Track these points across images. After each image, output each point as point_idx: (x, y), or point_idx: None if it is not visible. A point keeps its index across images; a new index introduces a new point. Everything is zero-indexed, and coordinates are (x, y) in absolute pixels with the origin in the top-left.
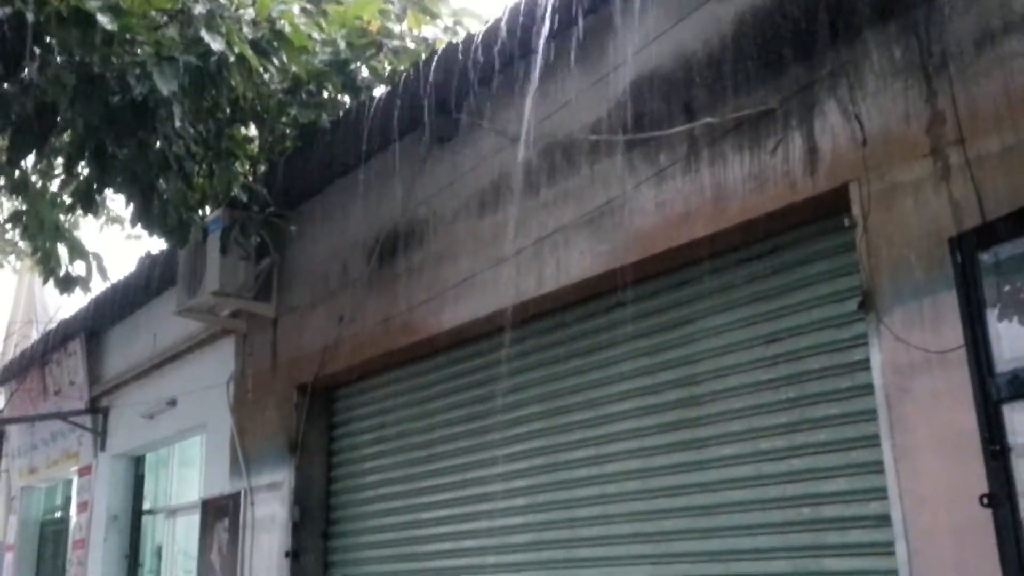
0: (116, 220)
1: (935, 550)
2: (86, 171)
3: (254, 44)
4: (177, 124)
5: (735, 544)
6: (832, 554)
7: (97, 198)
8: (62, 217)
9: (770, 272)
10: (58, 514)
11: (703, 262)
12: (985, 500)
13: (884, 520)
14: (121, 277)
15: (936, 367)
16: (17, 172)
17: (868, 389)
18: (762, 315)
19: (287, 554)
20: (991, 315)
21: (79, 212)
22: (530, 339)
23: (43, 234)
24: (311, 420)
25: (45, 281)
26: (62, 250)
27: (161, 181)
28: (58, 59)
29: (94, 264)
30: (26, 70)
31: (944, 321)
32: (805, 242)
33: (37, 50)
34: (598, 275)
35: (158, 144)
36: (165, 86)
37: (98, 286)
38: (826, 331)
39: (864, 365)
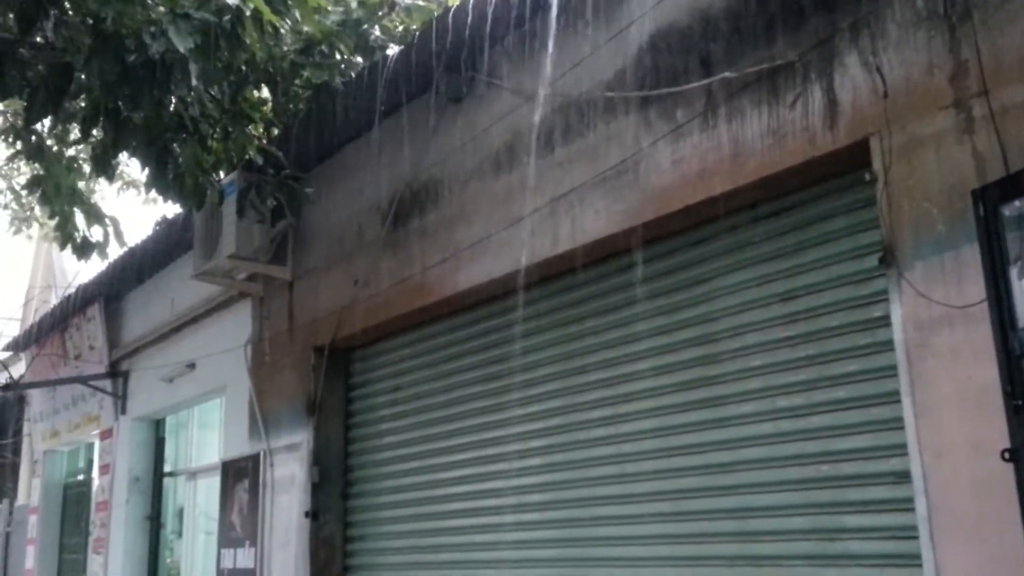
0: (132, 185)
1: (955, 505)
2: (102, 135)
3: (268, 0)
4: (194, 83)
5: (752, 502)
6: (851, 511)
7: (112, 162)
8: (79, 183)
9: (789, 229)
10: (80, 477)
11: (720, 220)
12: (1007, 455)
13: (904, 476)
14: (138, 242)
15: (958, 322)
16: (34, 137)
17: (888, 345)
18: (780, 272)
19: (307, 514)
20: (1014, 269)
21: (95, 177)
22: (545, 299)
23: (60, 199)
24: (328, 382)
25: (63, 247)
26: (79, 215)
27: (176, 145)
28: (73, 18)
29: (111, 229)
30: (41, 30)
31: (966, 276)
32: (824, 198)
33: (52, 10)
34: (614, 234)
35: (173, 106)
36: (181, 43)
37: (115, 251)
38: (845, 287)
39: (884, 321)
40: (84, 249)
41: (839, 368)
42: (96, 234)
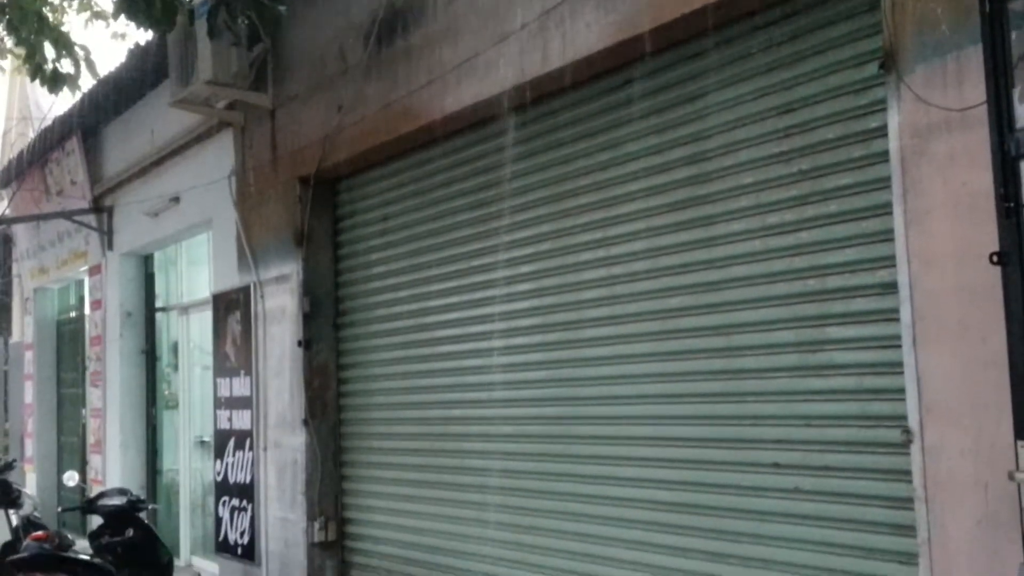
0: (100, 16)
1: (940, 311)
2: None
3: None
4: None
5: (739, 318)
6: (836, 323)
7: None
8: (46, 10)
9: (788, 38)
10: (73, 314)
11: (717, 30)
12: (995, 258)
13: (890, 287)
14: (112, 71)
15: (955, 127)
16: None
17: (883, 156)
18: (777, 85)
19: (299, 343)
20: (1017, 68)
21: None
22: (536, 122)
23: (26, 26)
24: (315, 212)
25: (32, 78)
26: (47, 46)
27: None
28: None
29: (82, 60)
30: None
31: (967, 78)
32: (826, 3)
33: None
34: (606, 49)
35: None
36: None
37: (88, 83)
38: (843, 98)
39: (881, 132)
40: (55, 81)
41: (832, 182)
42: (66, 65)
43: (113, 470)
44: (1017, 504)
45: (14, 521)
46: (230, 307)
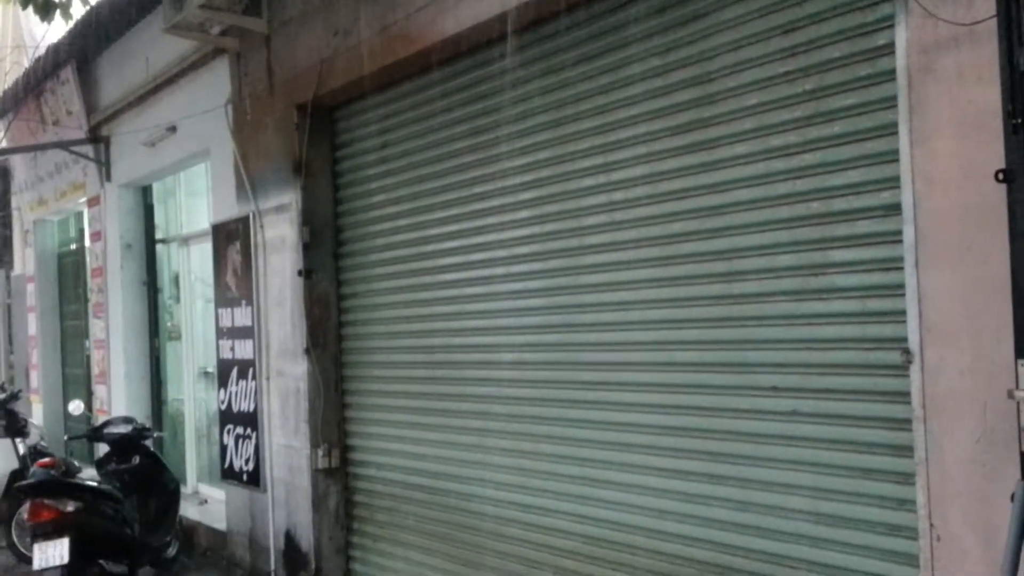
0: None
1: (943, 232)
2: None
3: None
4: None
5: (741, 242)
6: (838, 246)
7: None
8: None
9: None
10: (73, 246)
11: None
12: (1000, 175)
13: (894, 209)
14: None
15: (964, 42)
16: None
17: (890, 75)
18: (783, 1)
19: (300, 273)
20: None
21: None
22: (536, 44)
23: None
24: (313, 141)
25: (24, 5)
26: None
27: None
28: None
29: None
30: None
31: None
32: None
33: None
34: None
35: None
36: None
37: (80, 12)
38: (850, 15)
39: (888, 49)
40: (46, 9)
41: (837, 102)
42: None
43: (118, 400)
44: (1016, 422)
45: (21, 450)
46: (230, 237)
